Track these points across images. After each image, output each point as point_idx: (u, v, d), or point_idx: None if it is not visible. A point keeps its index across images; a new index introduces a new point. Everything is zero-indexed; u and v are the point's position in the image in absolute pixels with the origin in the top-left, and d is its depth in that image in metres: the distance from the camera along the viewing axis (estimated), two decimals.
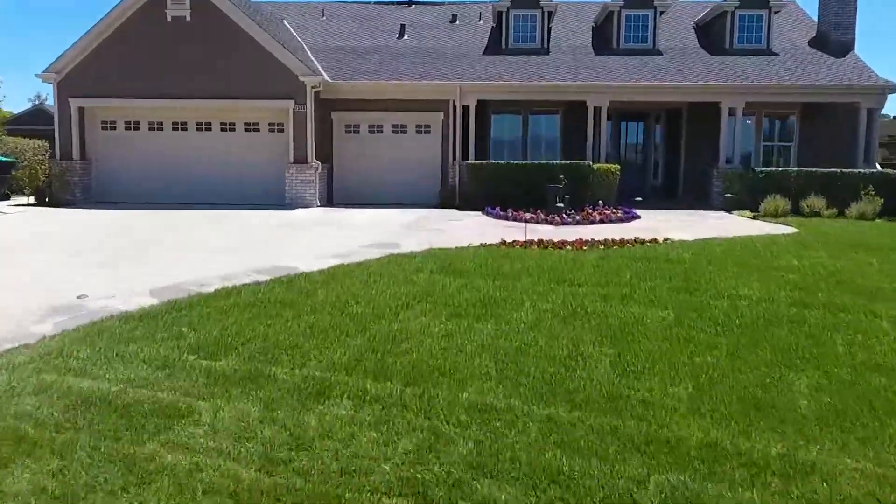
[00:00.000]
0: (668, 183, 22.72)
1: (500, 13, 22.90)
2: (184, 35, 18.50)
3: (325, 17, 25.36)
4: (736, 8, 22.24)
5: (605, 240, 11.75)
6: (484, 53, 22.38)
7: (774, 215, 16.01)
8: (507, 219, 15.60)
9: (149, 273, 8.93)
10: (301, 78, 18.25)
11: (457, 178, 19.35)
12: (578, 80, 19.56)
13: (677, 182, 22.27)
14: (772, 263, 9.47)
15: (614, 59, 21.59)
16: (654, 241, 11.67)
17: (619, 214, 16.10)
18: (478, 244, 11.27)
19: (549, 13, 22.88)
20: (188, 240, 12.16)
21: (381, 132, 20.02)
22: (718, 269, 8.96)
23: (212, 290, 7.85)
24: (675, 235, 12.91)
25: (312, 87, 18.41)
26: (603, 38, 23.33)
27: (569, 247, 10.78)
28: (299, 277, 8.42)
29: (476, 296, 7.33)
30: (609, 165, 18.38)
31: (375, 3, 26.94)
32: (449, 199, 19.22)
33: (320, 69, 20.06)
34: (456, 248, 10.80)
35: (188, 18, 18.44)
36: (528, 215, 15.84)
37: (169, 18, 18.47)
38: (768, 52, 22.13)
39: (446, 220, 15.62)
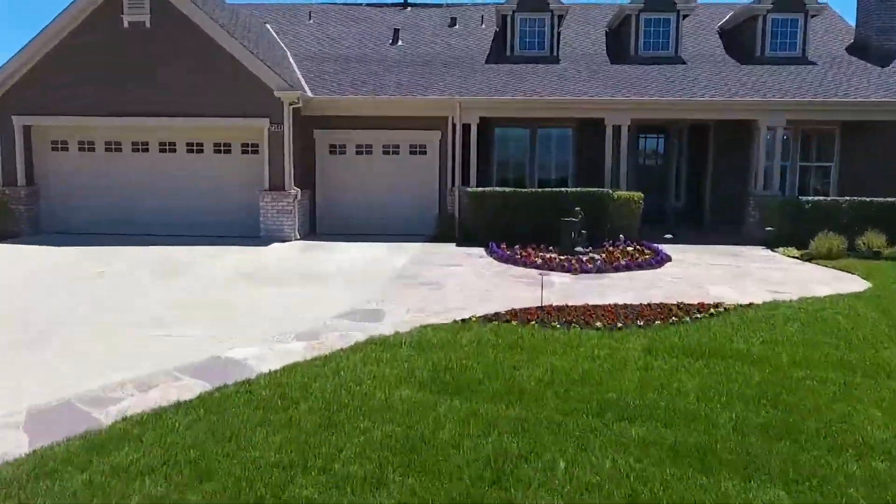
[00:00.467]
0: (692, 206, 20.35)
1: (504, 17, 20.54)
2: (143, 43, 16.12)
3: (311, 21, 23.06)
4: (768, 12, 19.90)
5: (642, 307, 9.38)
6: (487, 62, 20.04)
7: (828, 256, 13.63)
8: (515, 262, 13.22)
9: (44, 374, 6.57)
10: (277, 93, 15.87)
11: (456, 206, 16.98)
12: (595, 94, 17.16)
13: (703, 206, 19.91)
14: (876, 358, 7.11)
15: (633, 70, 19.21)
16: (703, 307, 9.30)
17: (646, 256, 13.72)
18: (483, 314, 8.91)
19: (559, 17, 20.54)
20: (122, 306, 9.78)
21: (371, 153, 17.65)
22: (811, 375, 6.59)
23: (108, 422, 5.52)
24: (724, 293, 10.55)
25: (290, 104, 16.04)
26: (618, 45, 20.97)
27: (598, 323, 8.40)
28: (237, 395, 6.05)
29: (484, 450, 4.96)
30: (631, 194, 16.01)
31: (367, 4, 24.59)
32: (447, 230, 16.85)
33: (302, 82, 17.69)
34: (455, 324, 8.43)
35: (147, 25, 16.07)
36: (539, 258, 13.46)
37: (126, 24, 16.09)
38: (804, 60, 19.78)
39: (443, 264, 13.24)
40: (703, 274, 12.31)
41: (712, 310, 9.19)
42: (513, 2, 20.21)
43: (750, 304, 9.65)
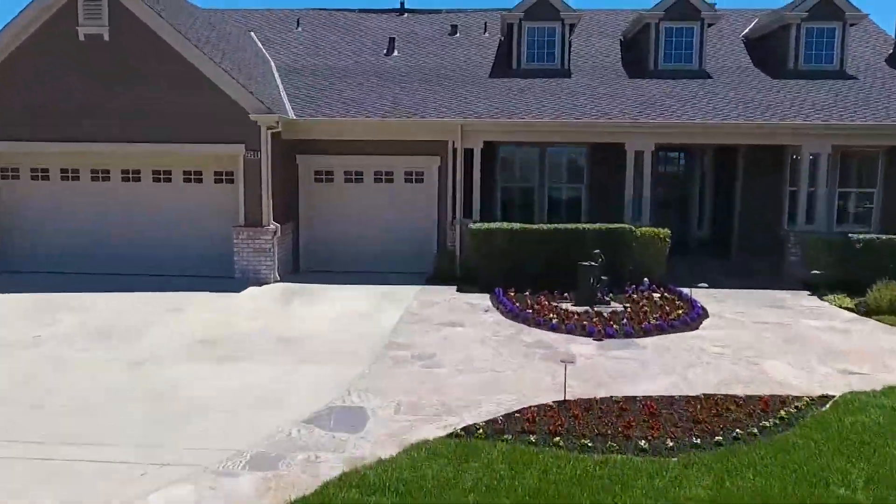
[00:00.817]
0: (717, 237, 18.40)
1: (509, 25, 18.60)
2: (102, 58, 14.18)
3: (300, 28, 21.15)
4: (802, 20, 17.94)
5: (690, 404, 7.46)
6: (491, 75, 18.10)
7: (893, 311, 11.68)
8: (526, 320, 11.26)
9: None
10: (253, 117, 13.92)
11: (457, 241, 15.05)
12: (614, 116, 15.19)
13: (730, 237, 17.93)
14: None
15: (653, 85, 17.26)
16: (767, 406, 7.37)
17: (678, 311, 11.76)
18: (492, 416, 7.01)
19: (571, 26, 18.58)
20: (35, 398, 7.85)
21: (361, 181, 15.70)
22: None
23: None
24: (785, 373, 8.65)
25: (269, 129, 14.10)
26: (635, 56, 19.03)
27: (643, 442, 6.46)
28: None
29: None
30: (656, 231, 14.07)
31: (361, 10, 22.65)
32: (446, 268, 14.92)
33: (284, 100, 15.74)
34: (457, 445, 6.49)
35: (106, 37, 14.12)
36: (555, 314, 11.51)
37: (82, 37, 14.15)
38: (843, 74, 17.85)
39: (442, 322, 11.28)
40: (750, 339, 10.36)
41: (782, 412, 7.26)
42: (519, 9, 18.28)
43: (825, 398, 7.73)
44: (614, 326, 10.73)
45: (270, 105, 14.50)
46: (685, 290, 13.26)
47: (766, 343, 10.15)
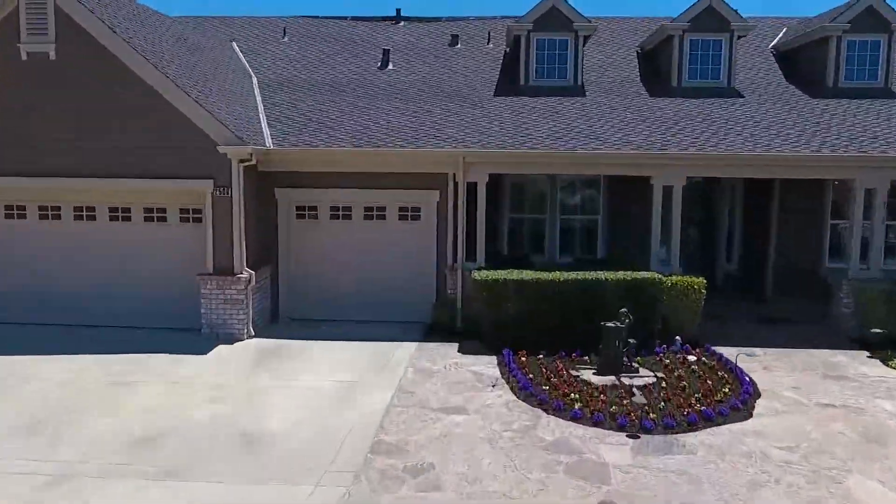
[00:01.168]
0: (748, 274, 16.45)
1: (517, 38, 16.69)
2: (48, 80, 12.25)
3: (287, 39, 19.28)
4: (844, 32, 16.03)
5: None
6: (496, 93, 16.19)
7: None
8: (543, 402, 9.32)
9: None
10: (223, 149, 11.98)
11: (458, 289, 13.13)
12: (639, 145, 13.24)
13: (763, 276, 15.98)
14: None
15: (678, 106, 15.35)
16: None
17: (724, 389, 9.78)
18: None
19: (585, 38, 16.68)
20: None
21: (350, 217, 13.76)
22: None
23: None
24: (870, 491, 6.76)
25: (241, 161, 12.16)
26: (656, 70, 17.16)
27: None
28: None
29: None
30: (690, 280, 12.16)
31: (354, 18, 20.74)
32: (447, 321, 13.02)
33: (263, 125, 13.82)
34: None
35: (53, 56, 12.18)
36: (577, 392, 9.57)
37: (24, 56, 12.22)
38: (888, 92, 15.94)
39: (442, 407, 9.33)
40: (819, 435, 8.43)
41: None
42: (528, 19, 16.37)
43: None
44: (651, 416, 8.81)
45: (246, 132, 12.58)
46: (724, 353, 11.34)
47: (842, 443, 8.22)
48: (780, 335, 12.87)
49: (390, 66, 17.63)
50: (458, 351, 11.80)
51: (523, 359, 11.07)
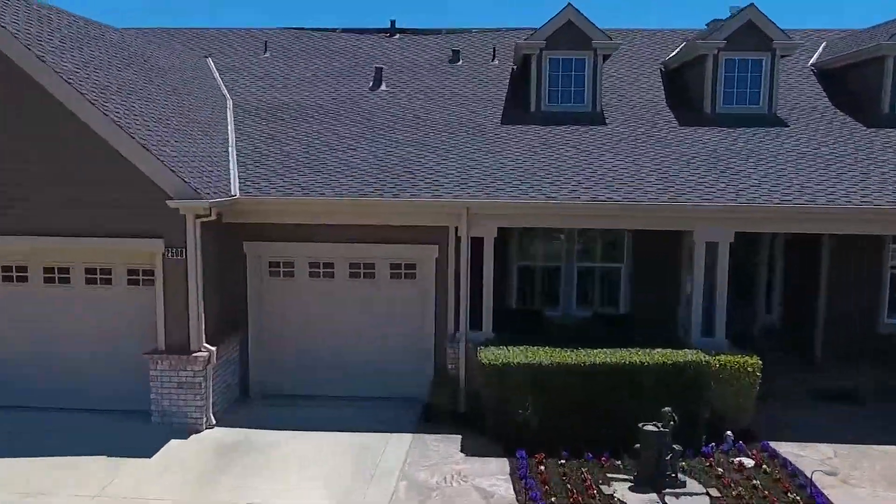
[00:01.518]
0: (793, 329, 14.29)
1: (526, 57, 14.57)
2: None
3: (268, 54, 17.18)
4: None
5: None
6: (503, 121, 14.13)
7: None
8: None
9: None
10: (175, 203, 9.81)
11: (461, 363, 11.02)
12: (677, 195, 11.07)
13: (811, 329, 13.81)
14: None
15: (715, 137, 13.30)
16: None
17: None
18: None
19: (604, 56, 14.57)
20: None
21: (332, 276, 11.61)
22: None
23: None
24: None
25: (199, 217, 10.01)
26: (683, 92, 15.11)
27: None
28: None
29: None
30: (742, 360, 10.06)
31: (344, 30, 18.61)
32: (447, 402, 10.88)
33: (231, 165, 11.71)
34: None
35: None
36: None
37: None
38: None
39: None
40: None
41: None
42: (539, 36, 14.26)
43: None
44: None
45: (208, 178, 10.47)
46: (788, 457, 9.25)
47: None
48: (843, 414, 10.85)
49: (383, 87, 15.55)
50: (462, 451, 9.67)
51: (541, 467, 8.98)
